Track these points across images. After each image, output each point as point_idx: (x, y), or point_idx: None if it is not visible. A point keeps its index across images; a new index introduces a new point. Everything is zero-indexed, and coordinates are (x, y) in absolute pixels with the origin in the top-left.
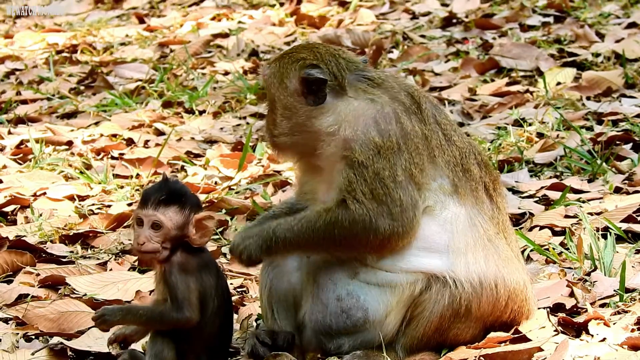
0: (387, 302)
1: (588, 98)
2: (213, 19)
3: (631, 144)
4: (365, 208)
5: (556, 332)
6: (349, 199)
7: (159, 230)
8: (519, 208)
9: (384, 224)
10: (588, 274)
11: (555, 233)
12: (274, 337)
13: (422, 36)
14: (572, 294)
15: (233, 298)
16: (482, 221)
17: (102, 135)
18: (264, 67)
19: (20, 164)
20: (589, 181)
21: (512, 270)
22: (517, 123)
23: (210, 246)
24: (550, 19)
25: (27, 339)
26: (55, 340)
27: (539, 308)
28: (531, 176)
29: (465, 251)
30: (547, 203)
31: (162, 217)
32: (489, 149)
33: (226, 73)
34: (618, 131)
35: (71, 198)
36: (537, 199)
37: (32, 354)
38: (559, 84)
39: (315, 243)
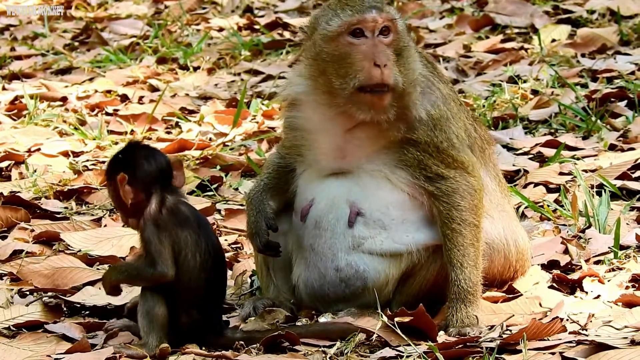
0: (389, 272)
1: (583, 55)
2: None
3: (626, 101)
4: (452, 178)
5: (551, 289)
6: (437, 178)
7: (115, 206)
8: (514, 165)
9: (473, 182)
10: (582, 231)
11: (549, 190)
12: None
13: None
14: (566, 251)
15: (228, 254)
16: (491, 182)
17: (96, 91)
18: (391, 9)
19: (15, 119)
20: (584, 138)
21: (521, 230)
22: (512, 80)
23: (204, 202)
24: None
25: (22, 294)
26: (49, 295)
27: (532, 265)
28: (526, 133)
29: (485, 213)
30: (542, 160)
31: (109, 193)
32: (483, 106)
33: (221, 29)
34: (613, 88)
35: (65, 154)
36: (532, 156)
37: (26, 305)
38: (553, 41)
39: (480, 240)
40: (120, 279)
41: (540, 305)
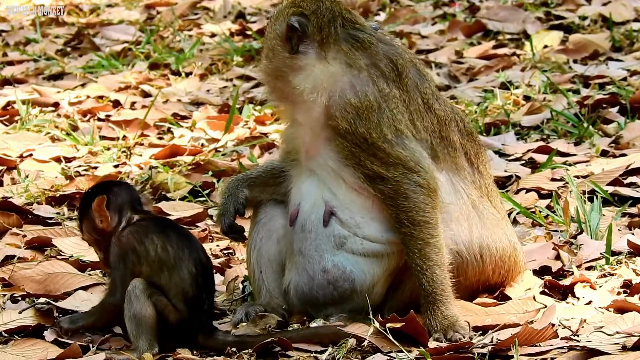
0: (374, 272)
1: (575, 61)
2: None
3: (618, 107)
4: (392, 178)
5: (542, 295)
6: (377, 179)
7: (93, 244)
8: (505, 171)
9: (417, 179)
10: (574, 237)
11: (541, 196)
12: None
13: None
14: (558, 257)
15: (219, 260)
16: (464, 186)
17: (88, 96)
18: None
19: (7, 125)
20: (576, 144)
21: (500, 236)
22: (504, 86)
23: (196, 208)
24: None
25: (14, 300)
26: (41, 301)
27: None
28: (518, 139)
29: (451, 220)
30: (534, 166)
31: (85, 237)
32: (475, 112)
33: (213, 35)
34: (605, 94)
35: (58, 159)
36: (524, 161)
37: (19, 312)
38: (545, 47)
39: (436, 236)
40: (95, 322)
41: (535, 312)
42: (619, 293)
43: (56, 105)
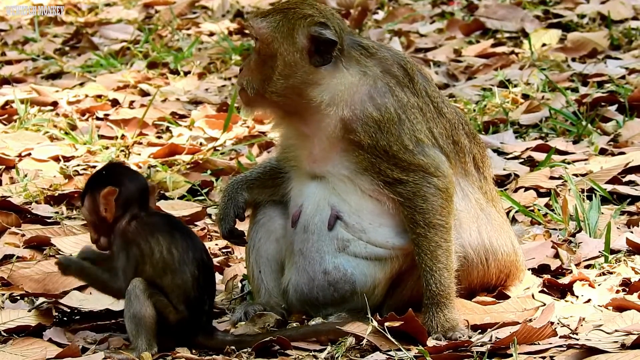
0: (375, 275)
1: (573, 59)
2: None
3: (616, 106)
4: (412, 182)
5: (541, 294)
6: (396, 183)
7: (88, 223)
8: (504, 169)
9: (437, 182)
10: (573, 235)
11: (540, 194)
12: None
13: None
14: (557, 255)
15: (218, 259)
16: (473, 191)
17: (87, 96)
18: (256, 19)
19: (5, 124)
20: (574, 142)
21: (505, 241)
22: (503, 84)
23: (195, 207)
24: None
25: (12, 299)
26: (40, 300)
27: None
28: (516, 137)
29: (460, 225)
30: (532, 164)
31: (83, 210)
32: (474, 110)
33: (211, 34)
34: (603, 93)
35: (56, 159)
36: (522, 160)
37: (17, 310)
38: (544, 45)
39: (448, 241)
40: (88, 280)
41: (534, 310)
42: (617, 291)
43: (55, 104)
